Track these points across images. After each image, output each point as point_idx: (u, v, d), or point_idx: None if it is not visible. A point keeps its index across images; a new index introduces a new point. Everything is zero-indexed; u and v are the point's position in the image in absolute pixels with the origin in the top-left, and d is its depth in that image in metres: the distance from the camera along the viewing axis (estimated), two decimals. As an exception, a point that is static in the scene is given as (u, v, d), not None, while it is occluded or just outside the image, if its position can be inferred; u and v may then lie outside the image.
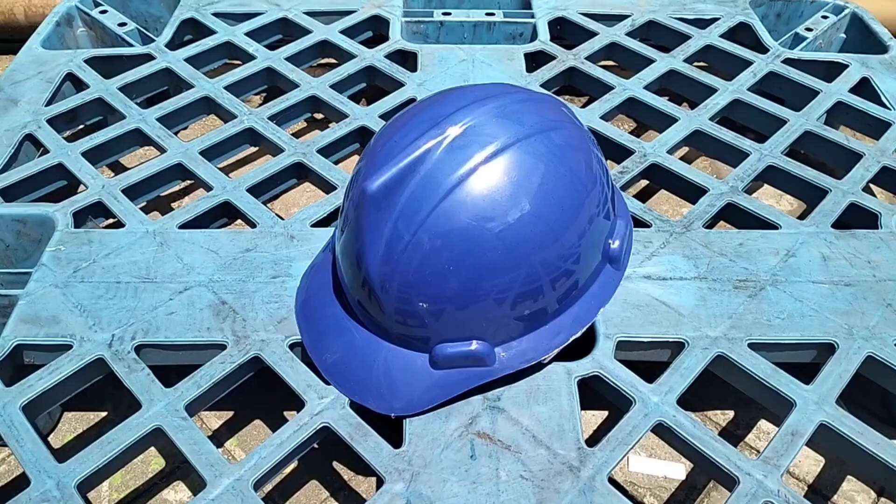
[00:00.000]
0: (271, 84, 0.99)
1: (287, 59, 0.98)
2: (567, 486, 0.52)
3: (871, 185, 0.82)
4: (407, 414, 0.56)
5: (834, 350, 0.61)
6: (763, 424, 0.75)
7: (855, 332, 0.62)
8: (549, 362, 0.59)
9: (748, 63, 0.98)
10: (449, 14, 1.08)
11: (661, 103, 0.91)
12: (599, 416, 0.75)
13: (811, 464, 0.72)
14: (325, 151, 0.83)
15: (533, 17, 1.08)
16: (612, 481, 0.52)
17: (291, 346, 0.61)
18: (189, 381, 0.58)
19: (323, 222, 0.73)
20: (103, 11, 1.08)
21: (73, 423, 0.75)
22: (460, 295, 0.52)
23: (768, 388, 0.59)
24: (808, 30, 1.07)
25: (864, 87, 0.95)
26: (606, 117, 0.90)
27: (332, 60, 1.03)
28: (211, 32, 1.04)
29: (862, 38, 1.08)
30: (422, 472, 0.52)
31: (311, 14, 1.08)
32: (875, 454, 0.54)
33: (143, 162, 0.82)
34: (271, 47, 1.01)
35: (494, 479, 0.52)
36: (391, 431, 0.55)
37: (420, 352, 0.56)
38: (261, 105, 0.90)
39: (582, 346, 0.61)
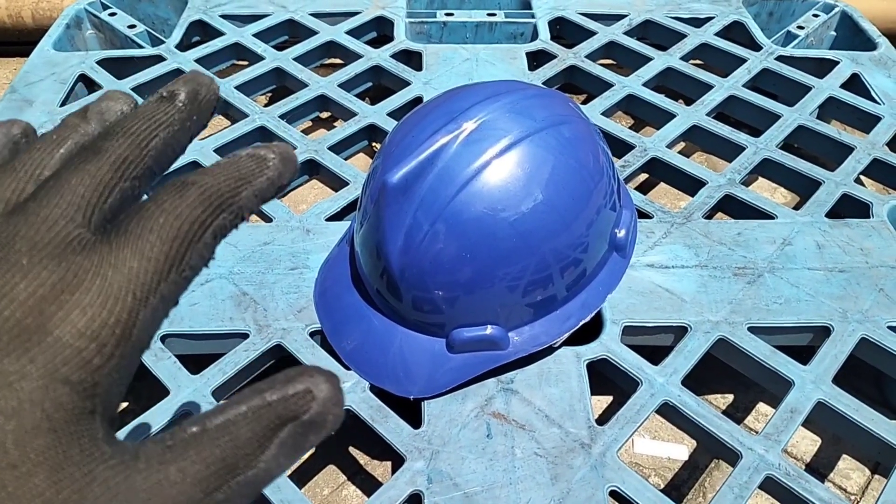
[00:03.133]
0: (280, 84, 1.01)
1: (295, 59, 1.01)
2: (579, 461, 0.54)
3: (861, 177, 0.86)
4: (426, 396, 0.58)
5: (829, 333, 0.64)
6: (761, 407, 0.78)
7: (849, 315, 0.65)
8: (560, 346, 0.62)
9: (742, 60, 1.02)
10: (451, 15, 1.10)
11: (660, 100, 0.94)
12: (605, 400, 0.78)
13: (808, 444, 0.75)
14: (336, 148, 0.86)
15: (533, 17, 1.11)
16: (621, 457, 0.55)
17: (312, 334, 0.63)
18: (215, 367, 0.61)
19: (337, 216, 0.76)
20: (112, 14, 1.11)
21: (94, 414, 0.77)
22: (475, 282, 0.55)
23: (767, 368, 0.62)
24: (800, 28, 1.10)
25: (855, 83, 0.98)
26: (606, 114, 0.92)
27: (338, 60, 1.06)
28: (219, 34, 1.06)
29: (851, 35, 1.12)
30: (441, 450, 0.55)
31: (316, 15, 1.10)
32: (870, 430, 0.57)
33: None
34: (278, 48, 1.04)
35: (510, 456, 0.55)
36: (410, 413, 0.58)
37: (436, 337, 0.59)
38: (267, 105, 0.93)
39: (590, 331, 0.63)
